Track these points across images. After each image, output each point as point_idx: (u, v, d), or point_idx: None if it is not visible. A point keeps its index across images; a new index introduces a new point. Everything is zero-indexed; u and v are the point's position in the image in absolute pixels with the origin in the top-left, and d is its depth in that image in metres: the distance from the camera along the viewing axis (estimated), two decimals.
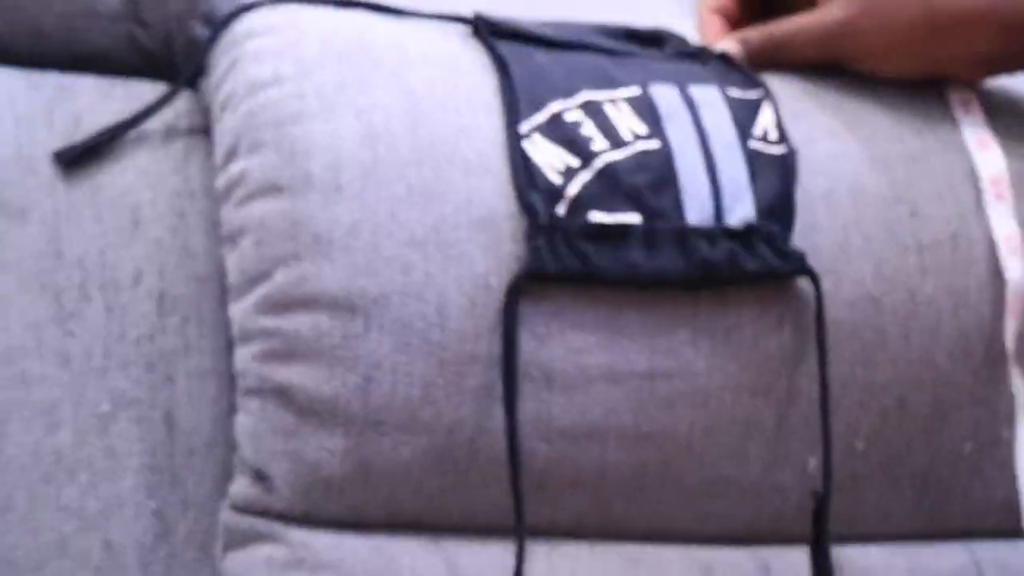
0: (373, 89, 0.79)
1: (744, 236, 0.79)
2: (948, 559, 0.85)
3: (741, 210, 0.79)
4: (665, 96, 0.82)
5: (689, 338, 0.79)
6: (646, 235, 0.78)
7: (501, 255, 0.77)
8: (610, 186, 0.78)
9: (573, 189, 0.78)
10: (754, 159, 0.80)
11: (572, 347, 0.77)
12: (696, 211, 0.79)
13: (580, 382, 0.77)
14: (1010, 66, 0.85)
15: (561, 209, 0.77)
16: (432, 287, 0.76)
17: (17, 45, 0.88)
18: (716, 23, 0.89)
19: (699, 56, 0.87)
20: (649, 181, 0.78)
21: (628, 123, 0.80)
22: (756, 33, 0.87)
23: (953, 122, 0.86)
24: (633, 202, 0.78)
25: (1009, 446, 0.83)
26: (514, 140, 0.79)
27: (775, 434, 0.80)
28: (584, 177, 0.78)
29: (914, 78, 0.87)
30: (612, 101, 0.81)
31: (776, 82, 0.86)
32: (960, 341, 0.82)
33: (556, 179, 0.78)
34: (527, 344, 0.76)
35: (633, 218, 0.78)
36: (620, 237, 0.77)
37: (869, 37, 0.84)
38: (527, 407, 0.76)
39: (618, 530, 0.81)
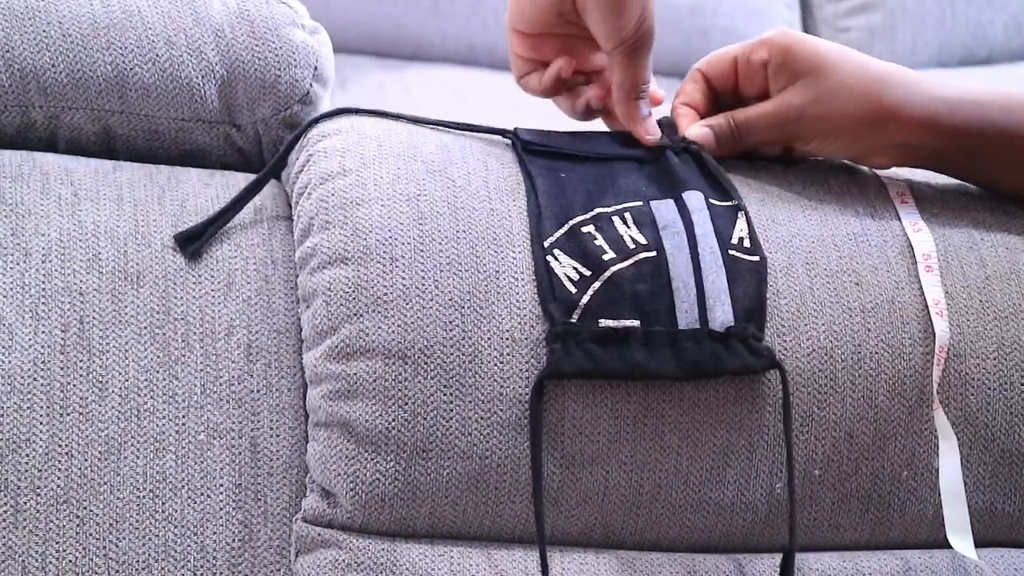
0: (421, 180, 0.84)
1: (724, 338, 0.82)
2: (886, 564, 0.86)
3: (721, 313, 0.82)
4: (662, 209, 0.85)
5: (676, 398, 0.83)
6: (645, 337, 0.81)
7: (523, 315, 0.81)
8: (616, 294, 0.81)
9: (586, 298, 0.81)
10: (732, 266, 0.83)
11: (582, 391, 0.81)
12: (685, 315, 0.82)
13: (589, 418, 0.81)
14: (918, 161, 0.89)
15: (575, 317, 0.81)
16: (468, 340, 0.81)
17: (137, 143, 0.92)
18: (688, 113, 0.91)
19: (683, 146, 0.89)
20: (647, 289, 0.82)
21: (631, 233, 0.83)
22: (721, 119, 0.90)
23: (892, 209, 0.90)
24: (634, 308, 0.81)
25: (938, 472, 0.85)
26: (539, 254, 0.82)
27: (748, 461, 0.83)
28: (595, 286, 0.82)
29: (846, 158, 0.91)
30: (618, 213, 0.84)
31: (744, 174, 0.90)
32: (896, 385, 0.84)
33: (572, 289, 0.81)
34: (545, 401, 0.80)
35: (634, 323, 0.81)
36: (623, 340, 0.81)
37: (817, 123, 0.87)
38: (543, 437, 0.80)
39: (618, 540, 0.84)
